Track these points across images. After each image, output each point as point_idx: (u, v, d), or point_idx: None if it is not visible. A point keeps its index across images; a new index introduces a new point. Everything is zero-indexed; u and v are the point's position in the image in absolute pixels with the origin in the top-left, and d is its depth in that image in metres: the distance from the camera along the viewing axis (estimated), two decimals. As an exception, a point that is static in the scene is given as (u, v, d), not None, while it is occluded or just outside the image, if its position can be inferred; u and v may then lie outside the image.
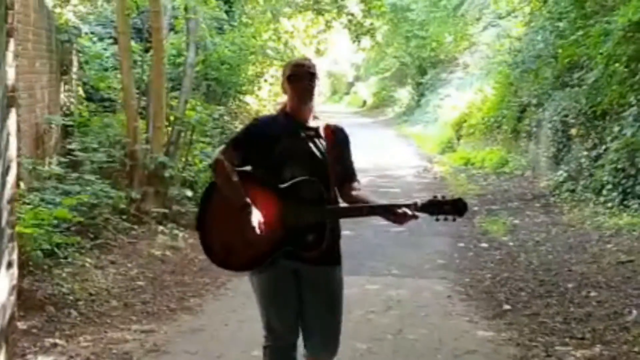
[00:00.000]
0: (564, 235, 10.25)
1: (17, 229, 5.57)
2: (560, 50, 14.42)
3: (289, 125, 4.07)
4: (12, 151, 5.26)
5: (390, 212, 3.94)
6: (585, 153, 12.69)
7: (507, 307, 7.09)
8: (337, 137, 4.17)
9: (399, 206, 3.92)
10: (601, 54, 11.84)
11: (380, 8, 20.27)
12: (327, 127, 4.17)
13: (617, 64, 11.55)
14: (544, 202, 13.03)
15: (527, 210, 12.48)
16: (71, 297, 6.66)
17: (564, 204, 12.36)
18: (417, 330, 6.44)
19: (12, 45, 5.20)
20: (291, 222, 3.89)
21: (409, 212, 3.88)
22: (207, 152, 11.64)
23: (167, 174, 9.88)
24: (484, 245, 9.94)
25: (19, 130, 6.47)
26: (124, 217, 9.10)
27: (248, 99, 20.26)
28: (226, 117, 15.41)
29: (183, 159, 10.86)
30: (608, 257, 8.76)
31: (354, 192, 4.13)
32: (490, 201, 13.63)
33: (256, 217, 3.85)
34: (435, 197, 4.00)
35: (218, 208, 4.03)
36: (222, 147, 4.23)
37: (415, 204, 3.92)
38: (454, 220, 3.98)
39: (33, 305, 6.18)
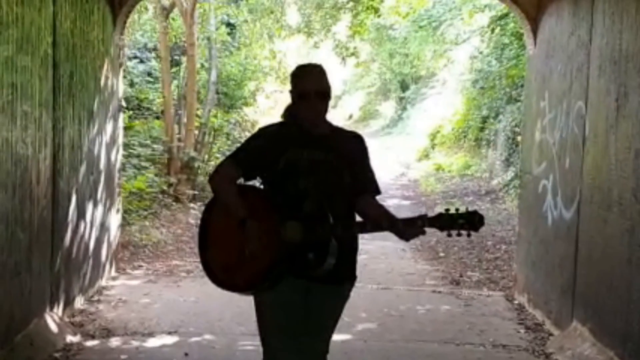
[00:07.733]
0: (499, 216, 13.37)
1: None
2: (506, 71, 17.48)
3: (297, 135, 3.74)
4: (120, 138, 8.31)
5: (397, 228, 3.56)
6: (527, 156, 15.69)
7: (442, 254, 10.22)
8: (352, 146, 3.83)
9: (406, 221, 3.56)
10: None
11: (364, 33, 23.07)
12: (341, 135, 3.86)
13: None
14: (494, 196, 16.12)
15: (478, 202, 15.55)
16: (142, 243, 9.72)
17: (508, 197, 15.41)
18: (378, 265, 9.53)
19: (121, 72, 8.25)
20: (291, 238, 3.56)
21: (417, 228, 3.52)
22: (223, 150, 14.69)
23: (195, 165, 12.96)
24: (437, 222, 12.93)
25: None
26: (166, 196, 12.11)
27: (247, 110, 23.19)
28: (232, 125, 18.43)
29: (207, 155, 13.91)
30: (523, 227, 11.87)
31: (370, 206, 3.79)
32: (450, 196, 16.70)
33: (255, 233, 3.59)
34: (447, 210, 3.52)
35: (218, 225, 3.78)
36: (223, 159, 3.97)
37: (423, 218, 3.53)
38: (469, 235, 3.47)
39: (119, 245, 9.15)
